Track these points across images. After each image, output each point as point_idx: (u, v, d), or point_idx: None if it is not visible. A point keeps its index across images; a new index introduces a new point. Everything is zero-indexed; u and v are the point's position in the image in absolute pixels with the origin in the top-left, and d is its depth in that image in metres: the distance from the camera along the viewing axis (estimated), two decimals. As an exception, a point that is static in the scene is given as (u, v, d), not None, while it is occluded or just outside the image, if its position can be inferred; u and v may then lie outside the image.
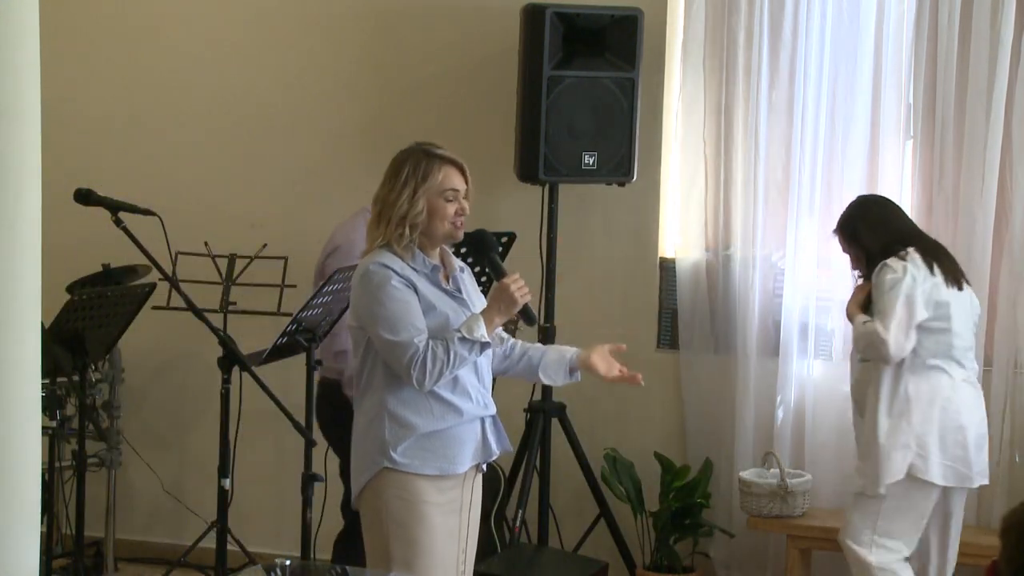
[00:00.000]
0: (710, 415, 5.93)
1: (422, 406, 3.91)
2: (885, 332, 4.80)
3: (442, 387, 3.90)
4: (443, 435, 3.93)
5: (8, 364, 3.05)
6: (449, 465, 3.94)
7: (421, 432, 3.91)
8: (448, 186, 3.93)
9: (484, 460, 4.04)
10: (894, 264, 4.89)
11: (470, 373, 3.95)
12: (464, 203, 3.97)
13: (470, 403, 3.96)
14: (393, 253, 3.90)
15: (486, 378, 4.03)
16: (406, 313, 3.86)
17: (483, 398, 4.00)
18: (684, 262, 5.97)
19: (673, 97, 5.96)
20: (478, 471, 4.08)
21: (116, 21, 6.45)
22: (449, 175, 3.94)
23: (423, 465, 3.91)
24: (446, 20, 6.12)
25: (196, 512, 6.13)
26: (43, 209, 3.13)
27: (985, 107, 5.49)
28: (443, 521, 3.95)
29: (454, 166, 3.96)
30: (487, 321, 3.87)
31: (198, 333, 5.03)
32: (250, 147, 6.34)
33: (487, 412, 4.01)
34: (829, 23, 5.73)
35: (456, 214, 3.94)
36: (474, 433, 3.99)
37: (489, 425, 4.02)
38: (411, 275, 3.89)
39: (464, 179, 3.97)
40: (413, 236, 3.91)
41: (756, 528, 5.65)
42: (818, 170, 5.77)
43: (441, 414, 3.92)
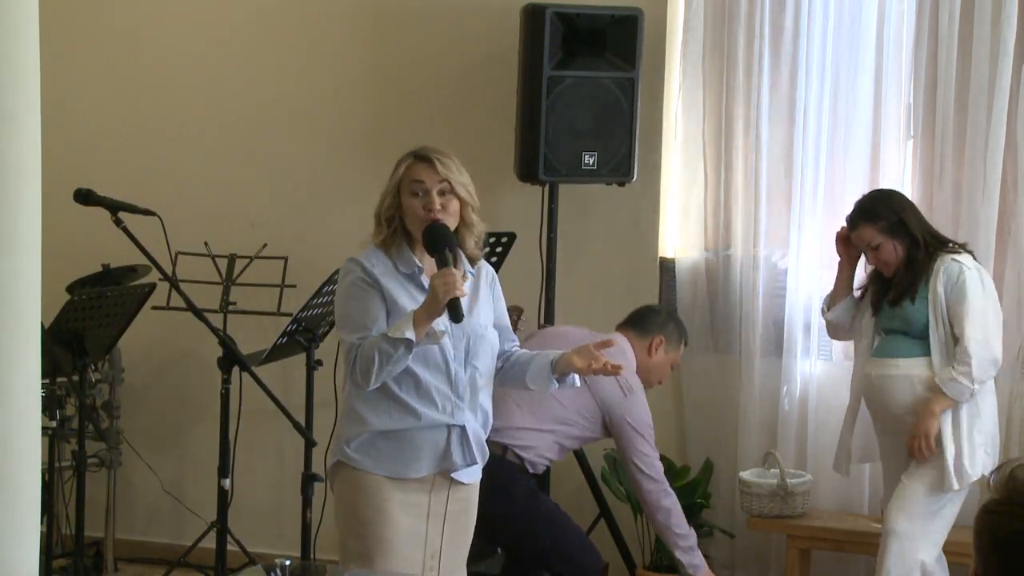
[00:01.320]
0: (710, 415, 5.93)
1: (380, 405, 3.83)
2: (991, 351, 4.86)
3: (404, 390, 3.81)
4: (397, 436, 3.84)
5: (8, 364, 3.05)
6: (402, 468, 3.84)
7: (374, 430, 3.84)
8: (411, 178, 3.83)
9: (445, 470, 3.87)
10: (970, 263, 4.93)
11: (440, 380, 3.83)
12: (436, 197, 3.80)
13: (433, 410, 3.82)
14: (383, 252, 3.86)
15: (464, 388, 3.86)
16: (358, 312, 3.80)
17: (452, 407, 3.84)
18: (684, 262, 5.97)
19: (673, 97, 5.96)
20: (453, 482, 3.91)
21: (116, 21, 6.45)
22: (413, 169, 3.84)
23: (375, 464, 3.84)
24: (446, 20, 6.12)
25: (196, 512, 6.13)
26: (43, 209, 3.13)
27: (986, 106, 5.48)
28: (406, 522, 3.86)
29: (423, 161, 3.84)
30: (415, 319, 3.69)
31: (198, 333, 5.04)
32: (250, 147, 6.34)
33: (455, 422, 3.85)
34: (830, 23, 5.72)
35: (425, 209, 3.80)
36: (434, 441, 3.85)
37: (456, 436, 3.86)
38: (382, 274, 3.81)
39: (435, 172, 3.82)
40: (389, 232, 3.84)
41: (756, 528, 5.65)
42: (819, 170, 5.77)
43: (398, 416, 3.82)
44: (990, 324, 4.90)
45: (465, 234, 3.90)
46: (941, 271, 4.90)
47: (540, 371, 3.94)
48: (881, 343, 5.07)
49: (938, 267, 4.91)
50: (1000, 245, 5.55)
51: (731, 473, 5.83)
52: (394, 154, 3.94)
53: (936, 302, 4.89)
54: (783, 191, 5.80)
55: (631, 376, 5.02)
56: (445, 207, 3.82)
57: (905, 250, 4.95)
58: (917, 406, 4.91)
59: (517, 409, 4.90)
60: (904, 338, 4.99)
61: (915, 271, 4.94)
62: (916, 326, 4.95)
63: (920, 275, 4.94)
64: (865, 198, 5.12)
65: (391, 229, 3.85)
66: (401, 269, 3.85)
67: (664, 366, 5.26)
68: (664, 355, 5.22)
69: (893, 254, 4.97)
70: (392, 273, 3.84)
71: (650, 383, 5.22)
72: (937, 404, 4.86)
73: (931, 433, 4.84)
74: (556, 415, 4.94)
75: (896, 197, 5.10)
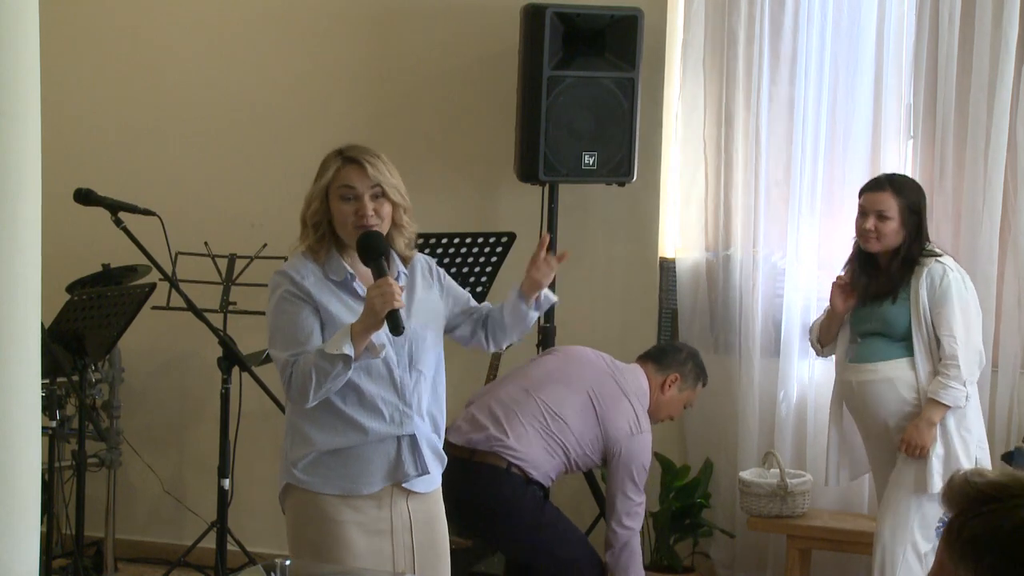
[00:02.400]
0: (710, 415, 5.93)
1: (325, 421, 3.66)
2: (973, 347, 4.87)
3: (348, 404, 3.64)
4: (345, 453, 3.67)
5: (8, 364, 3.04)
6: (352, 485, 3.68)
7: (321, 449, 3.68)
8: (340, 183, 3.64)
9: (399, 481, 3.71)
10: (952, 264, 4.93)
11: (385, 390, 3.66)
12: (368, 203, 3.61)
13: (380, 422, 3.66)
14: (311, 259, 3.68)
15: (411, 395, 3.70)
16: (290, 328, 3.62)
17: (400, 416, 3.68)
18: (684, 262, 5.97)
19: (673, 97, 5.96)
20: (410, 494, 3.75)
21: (116, 22, 6.45)
22: (342, 172, 3.64)
23: (324, 484, 3.68)
24: (446, 20, 6.12)
25: (196, 512, 6.13)
26: (43, 209, 3.13)
27: (987, 107, 5.49)
28: (362, 541, 3.69)
29: (352, 163, 3.64)
30: (353, 333, 3.49)
31: (198, 333, 5.03)
32: (250, 147, 6.34)
33: (403, 431, 3.68)
34: (829, 23, 5.73)
35: (357, 215, 3.61)
36: (384, 453, 3.69)
37: (406, 445, 3.69)
38: (312, 284, 3.64)
39: (366, 176, 3.61)
40: (316, 238, 3.67)
41: (756, 528, 5.65)
42: (819, 170, 5.77)
43: (343, 431, 3.66)
44: (972, 324, 4.89)
45: (395, 236, 3.71)
46: (924, 273, 4.88)
47: (514, 310, 3.86)
48: (859, 348, 5.03)
49: (921, 269, 4.89)
50: (1000, 245, 5.55)
51: (731, 473, 5.84)
52: (394, 154, 3.93)
53: (919, 304, 4.87)
54: (783, 191, 5.80)
55: (642, 414, 5.01)
56: (378, 212, 3.63)
57: (902, 240, 4.92)
58: (903, 410, 4.90)
59: (526, 433, 4.90)
60: (882, 340, 4.96)
61: (903, 268, 4.90)
62: (896, 328, 4.92)
63: (905, 274, 4.91)
64: (895, 174, 5.09)
65: (319, 234, 3.67)
66: (331, 277, 3.67)
67: (676, 403, 5.21)
68: (678, 393, 5.18)
69: (893, 236, 4.91)
70: (323, 282, 3.66)
71: (659, 418, 5.19)
72: (935, 414, 4.84)
73: (928, 444, 4.83)
74: (567, 441, 4.93)
75: (923, 193, 5.04)
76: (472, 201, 6.11)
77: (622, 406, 4.95)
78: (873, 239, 4.92)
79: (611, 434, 4.94)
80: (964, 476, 2.08)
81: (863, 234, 4.94)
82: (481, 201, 6.13)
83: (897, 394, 4.91)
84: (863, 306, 5.01)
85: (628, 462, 4.92)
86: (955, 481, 2.09)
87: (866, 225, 4.92)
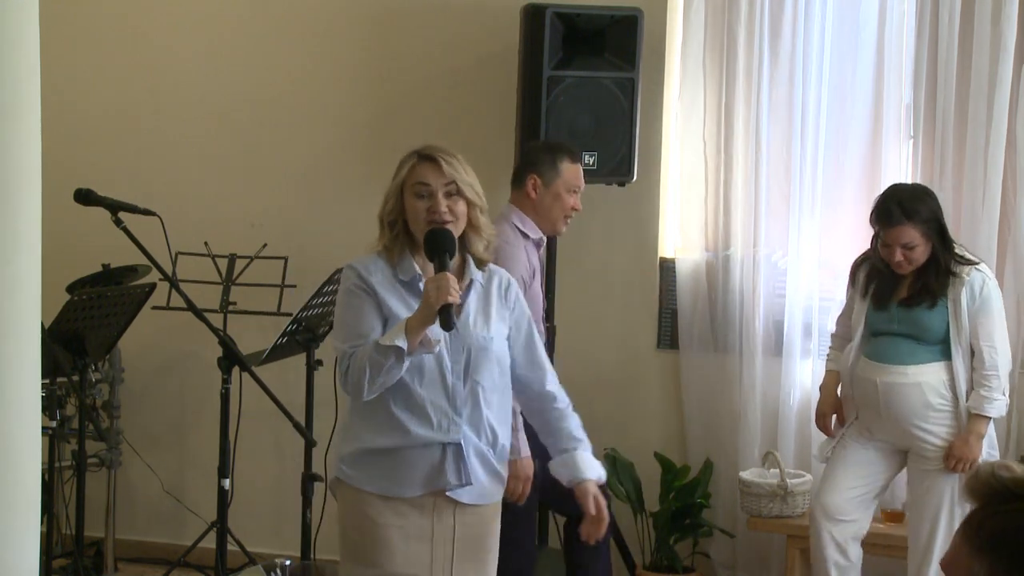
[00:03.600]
0: (710, 415, 5.93)
1: (373, 420, 3.65)
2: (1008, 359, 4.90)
3: (396, 403, 3.61)
4: (388, 454, 3.64)
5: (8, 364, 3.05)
6: (394, 487, 3.65)
7: (367, 446, 3.67)
8: (415, 180, 3.62)
9: (440, 489, 3.65)
10: (990, 273, 4.95)
11: (436, 394, 3.62)
12: (442, 200, 3.60)
13: (426, 427, 3.62)
14: (384, 257, 3.67)
15: (463, 403, 3.65)
16: (353, 321, 3.63)
17: (448, 423, 3.63)
18: (684, 262, 5.97)
19: (673, 97, 5.96)
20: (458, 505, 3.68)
21: (116, 21, 6.45)
22: (417, 169, 3.63)
23: (367, 480, 3.66)
24: (446, 20, 6.12)
25: (196, 512, 6.13)
26: (43, 209, 3.13)
27: (987, 106, 5.49)
28: (403, 546, 3.65)
29: (427, 160, 3.63)
30: (408, 327, 3.50)
31: (198, 333, 5.04)
32: (250, 147, 6.34)
33: (449, 439, 3.63)
34: (829, 23, 5.73)
35: (430, 212, 3.60)
36: (428, 459, 3.64)
37: (451, 454, 3.64)
38: (379, 281, 3.64)
39: (441, 173, 3.60)
40: (391, 237, 3.66)
41: (756, 528, 5.65)
42: (819, 170, 5.77)
43: (388, 431, 3.63)
44: (1006, 333, 4.95)
45: (473, 237, 3.68)
46: (966, 282, 4.86)
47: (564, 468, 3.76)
48: (886, 347, 4.98)
49: (962, 277, 4.87)
50: (1000, 245, 5.55)
51: (731, 473, 5.84)
52: (394, 154, 3.92)
53: (959, 312, 4.86)
54: (783, 191, 5.80)
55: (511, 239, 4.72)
56: (452, 210, 3.62)
57: (931, 254, 4.90)
58: (927, 414, 4.90)
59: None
60: (914, 343, 4.93)
61: (939, 275, 4.88)
62: (932, 333, 4.91)
63: (944, 284, 4.88)
64: (902, 193, 4.96)
65: (394, 233, 3.66)
66: (400, 276, 3.66)
67: (555, 195, 4.82)
68: (546, 190, 4.83)
69: (922, 255, 4.89)
70: (390, 280, 3.66)
71: (555, 218, 4.84)
72: (982, 426, 4.87)
73: (978, 457, 4.85)
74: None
75: (933, 196, 5.00)
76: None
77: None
78: (905, 266, 4.91)
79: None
80: (991, 469, 2.08)
81: (894, 264, 4.91)
82: (481, 201, 6.12)
83: (924, 398, 4.91)
84: (883, 309, 4.98)
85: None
86: (981, 473, 2.08)
87: (895, 259, 4.89)
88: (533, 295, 4.71)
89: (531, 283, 4.72)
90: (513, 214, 4.81)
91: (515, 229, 4.76)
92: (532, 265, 4.76)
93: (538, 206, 4.83)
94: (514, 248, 4.69)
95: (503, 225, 4.73)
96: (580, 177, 4.89)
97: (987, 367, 4.84)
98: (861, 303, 5.07)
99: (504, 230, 4.70)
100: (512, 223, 4.77)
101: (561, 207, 4.83)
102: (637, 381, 6.06)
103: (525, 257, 4.72)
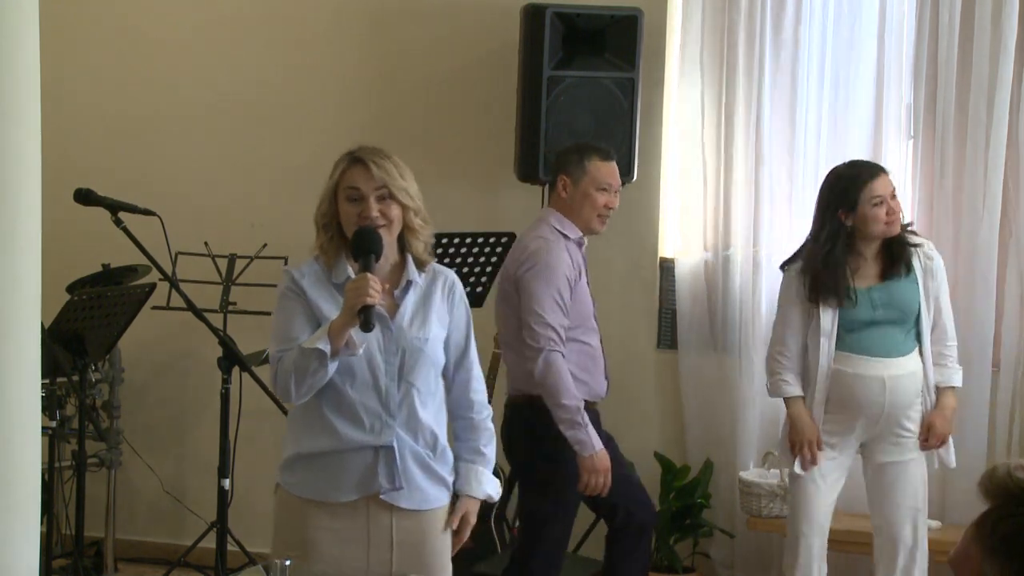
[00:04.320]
0: (710, 415, 5.93)
1: (306, 423, 3.61)
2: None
3: (328, 407, 3.56)
4: (322, 457, 3.59)
5: (8, 364, 3.05)
6: (327, 490, 3.59)
7: (301, 451, 3.62)
8: (346, 184, 3.56)
9: (374, 493, 3.58)
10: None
11: (368, 397, 3.55)
12: (374, 204, 3.53)
13: (358, 430, 3.56)
14: (319, 260, 3.63)
15: (396, 406, 3.57)
16: (283, 324, 3.60)
17: (380, 426, 3.56)
18: (684, 262, 5.97)
19: (673, 97, 5.96)
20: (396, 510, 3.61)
21: (116, 21, 6.45)
22: (348, 173, 3.57)
23: (302, 486, 3.63)
24: (446, 20, 6.12)
25: (196, 512, 6.13)
26: (43, 209, 3.13)
27: (987, 106, 5.49)
28: (338, 552, 3.59)
29: (359, 164, 3.56)
30: (331, 329, 3.45)
31: (198, 333, 5.03)
32: (250, 147, 6.34)
33: (381, 442, 3.56)
34: (830, 23, 5.73)
35: (360, 216, 3.53)
36: (360, 462, 3.57)
37: (383, 457, 3.56)
38: (310, 284, 3.59)
39: (371, 177, 3.53)
40: (327, 239, 3.60)
41: (756, 528, 5.65)
42: (819, 170, 5.76)
43: (320, 435, 3.58)
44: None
45: (410, 239, 3.61)
46: (927, 255, 4.83)
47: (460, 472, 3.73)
48: (881, 339, 4.81)
49: (923, 247, 4.84)
50: (1001, 245, 5.55)
51: (731, 473, 5.84)
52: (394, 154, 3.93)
53: (928, 286, 4.82)
54: (783, 191, 5.80)
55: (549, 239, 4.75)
56: (384, 214, 3.54)
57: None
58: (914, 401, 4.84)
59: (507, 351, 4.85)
60: (897, 329, 4.81)
61: (897, 244, 4.79)
62: (910, 308, 4.81)
63: (905, 250, 4.81)
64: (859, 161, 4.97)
65: (328, 235, 3.60)
66: (332, 279, 3.60)
67: (585, 195, 4.80)
68: (575, 189, 4.81)
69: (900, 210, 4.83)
70: (323, 283, 3.60)
71: (588, 218, 4.82)
72: (954, 398, 4.88)
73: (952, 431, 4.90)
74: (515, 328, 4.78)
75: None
76: (472, 201, 6.11)
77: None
78: (891, 224, 4.77)
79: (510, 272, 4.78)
80: (1008, 469, 2.05)
81: (889, 220, 4.75)
82: (481, 201, 6.13)
83: (916, 385, 4.86)
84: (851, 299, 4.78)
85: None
86: (998, 473, 2.06)
87: (889, 212, 4.75)
88: (581, 294, 4.78)
89: (577, 281, 4.78)
90: (551, 216, 4.85)
91: (554, 230, 4.80)
92: (576, 264, 4.80)
93: (570, 206, 4.84)
94: (554, 248, 4.73)
95: (542, 227, 4.79)
96: (612, 175, 4.87)
97: (949, 338, 4.85)
98: (810, 308, 4.83)
99: (543, 232, 4.76)
100: (551, 224, 4.82)
101: (592, 205, 4.83)
102: (637, 381, 6.05)
103: (567, 256, 4.76)
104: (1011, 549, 2.01)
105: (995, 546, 2.02)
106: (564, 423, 4.64)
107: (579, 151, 4.87)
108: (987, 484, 2.06)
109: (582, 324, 4.79)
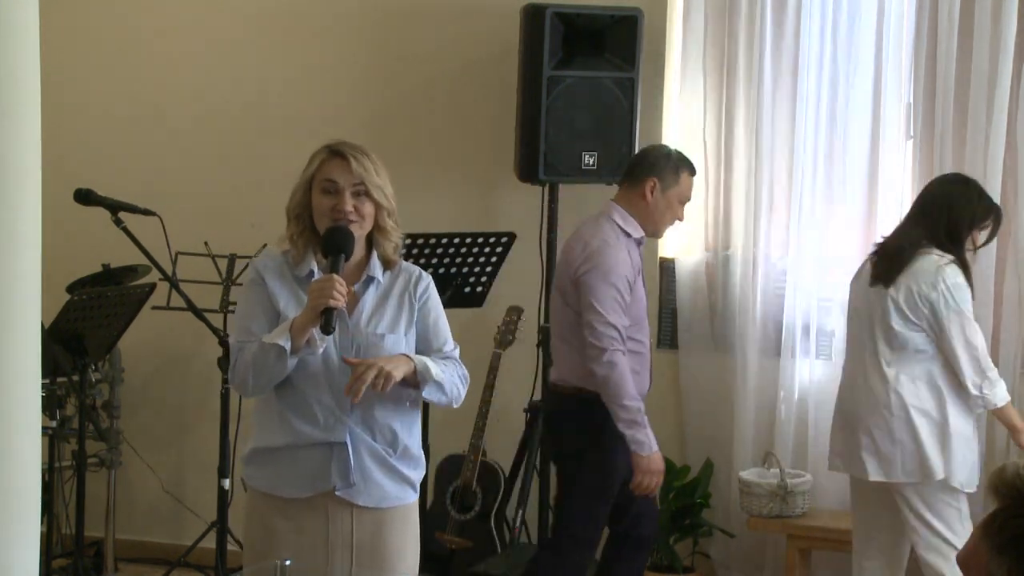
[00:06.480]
0: (710, 415, 5.93)
1: (264, 418, 3.61)
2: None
3: (283, 401, 3.53)
4: (278, 452, 3.56)
5: (8, 364, 3.05)
6: (284, 486, 3.57)
7: (260, 445, 3.61)
8: (323, 176, 3.52)
9: (327, 490, 3.55)
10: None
11: (323, 393, 3.52)
12: (349, 199, 3.49)
13: (312, 425, 3.52)
14: (285, 251, 3.60)
15: (349, 402, 3.50)
16: (244, 316, 3.59)
17: (334, 422, 3.53)
18: (684, 262, 5.97)
19: (673, 97, 5.97)
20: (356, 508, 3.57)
21: (117, 21, 6.45)
22: (326, 165, 3.53)
23: (262, 480, 3.61)
24: (446, 20, 6.12)
25: (196, 512, 6.13)
26: (43, 209, 3.13)
27: (986, 107, 5.49)
28: (298, 547, 3.54)
29: (338, 157, 3.52)
30: (293, 326, 3.43)
31: (198, 333, 5.05)
32: (250, 147, 6.34)
33: (335, 439, 3.52)
34: (830, 23, 5.73)
35: (334, 210, 3.50)
36: (314, 458, 3.54)
37: (336, 453, 3.52)
38: (273, 276, 3.57)
39: (349, 172, 3.49)
40: (297, 230, 3.56)
41: (756, 528, 5.65)
42: (819, 170, 5.78)
43: (275, 429, 3.56)
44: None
45: (380, 239, 3.57)
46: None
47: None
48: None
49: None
50: (1001, 245, 5.54)
51: (731, 473, 5.84)
52: (394, 154, 3.93)
53: None
54: (783, 191, 5.80)
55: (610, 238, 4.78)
56: (358, 210, 3.51)
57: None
58: None
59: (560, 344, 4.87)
60: None
61: None
62: None
63: None
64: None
65: (299, 228, 3.57)
66: (295, 272, 3.58)
67: (667, 204, 4.84)
68: (662, 195, 4.82)
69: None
70: (286, 276, 3.58)
71: (659, 224, 4.89)
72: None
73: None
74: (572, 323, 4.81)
75: None
76: (472, 201, 6.11)
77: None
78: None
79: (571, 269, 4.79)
80: (1017, 469, 2.05)
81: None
82: (481, 201, 6.13)
83: None
84: None
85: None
86: (1007, 472, 2.06)
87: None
88: (637, 293, 4.81)
89: (636, 281, 4.80)
90: (615, 212, 4.84)
91: (616, 227, 4.80)
92: (635, 264, 4.83)
93: (651, 209, 4.84)
94: (615, 249, 4.75)
95: (604, 224, 4.80)
96: (692, 190, 4.96)
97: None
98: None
99: (605, 229, 4.77)
100: (614, 220, 4.81)
101: (672, 215, 4.89)
102: (637, 381, 6.05)
103: (627, 256, 4.78)
104: (1019, 548, 2.01)
105: (1003, 545, 2.02)
106: (624, 422, 4.67)
107: (675, 159, 4.90)
108: (996, 484, 2.06)
109: (637, 323, 4.82)
